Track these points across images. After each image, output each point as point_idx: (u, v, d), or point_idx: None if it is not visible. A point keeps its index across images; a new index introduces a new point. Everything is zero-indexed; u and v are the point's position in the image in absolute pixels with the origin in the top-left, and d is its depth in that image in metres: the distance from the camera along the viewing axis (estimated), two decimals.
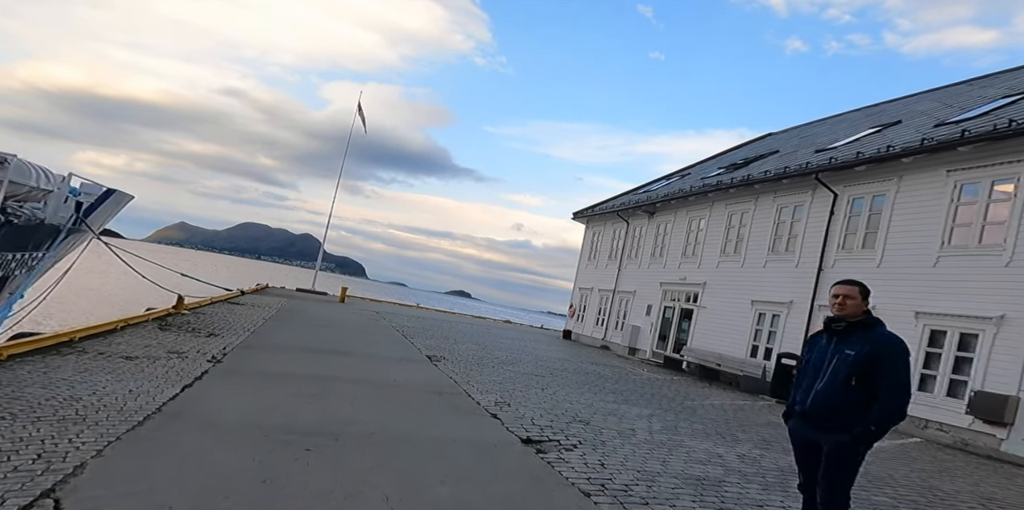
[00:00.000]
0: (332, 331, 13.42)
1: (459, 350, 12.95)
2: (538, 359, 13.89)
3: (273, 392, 6.19)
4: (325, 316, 17.22)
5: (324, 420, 5.31)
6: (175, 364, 6.82)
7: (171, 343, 8.24)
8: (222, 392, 5.87)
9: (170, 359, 7.08)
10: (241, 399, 5.69)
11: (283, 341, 10.34)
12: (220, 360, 7.48)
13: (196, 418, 4.81)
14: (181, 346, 8.09)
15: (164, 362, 6.84)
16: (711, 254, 18.02)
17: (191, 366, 6.82)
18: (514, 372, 10.55)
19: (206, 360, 7.32)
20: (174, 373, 6.34)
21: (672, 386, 12.47)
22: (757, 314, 15.29)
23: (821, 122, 23.36)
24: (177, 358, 7.20)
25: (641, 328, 21.01)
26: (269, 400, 5.80)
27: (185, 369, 6.60)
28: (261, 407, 5.49)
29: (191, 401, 5.32)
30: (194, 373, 6.46)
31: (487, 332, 21.55)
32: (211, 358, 7.50)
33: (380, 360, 9.97)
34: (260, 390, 6.21)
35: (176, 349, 7.80)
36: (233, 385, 6.26)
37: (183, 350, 7.79)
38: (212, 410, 5.14)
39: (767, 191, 15.99)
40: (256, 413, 5.25)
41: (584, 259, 27.54)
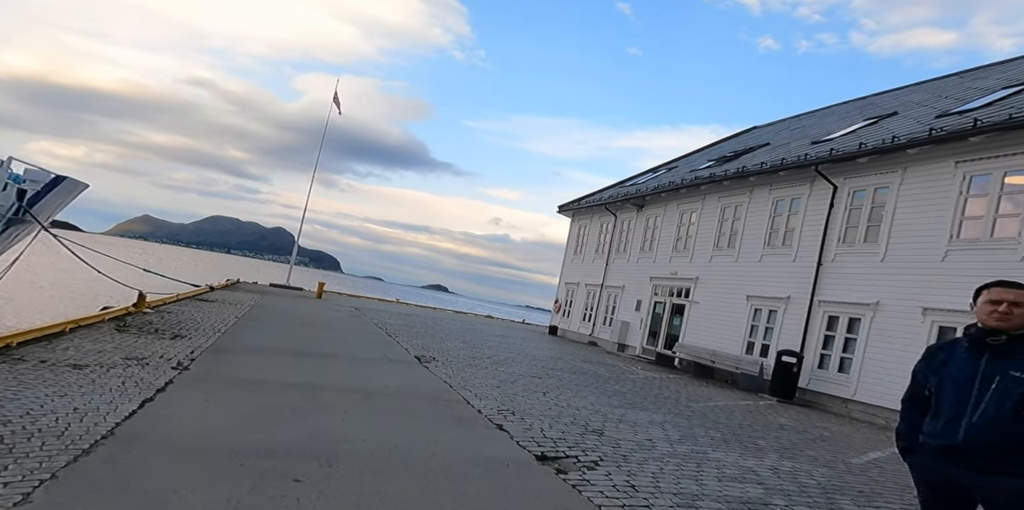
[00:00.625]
0: (312, 330, 12.58)
1: (448, 349, 12.25)
2: (530, 358, 13.28)
3: (250, 405, 5.42)
4: (303, 313, 16.31)
5: (312, 440, 4.58)
6: (133, 373, 5.98)
7: (130, 347, 7.36)
8: (190, 406, 5.09)
9: (128, 367, 6.22)
10: (213, 415, 4.91)
11: (259, 343, 9.50)
12: (187, 367, 6.66)
13: (158, 442, 4.04)
14: (141, 351, 7.22)
15: (120, 371, 5.98)
16: (703, 248, 17.61)
17: (153, 375, 5.99)
18: (509, 373, 9.91)
19: (171, 367, 6.50)
20: (132, 384, 5.51)
21: (671, 386, 11.99)
22: (753, 309, 14.92)
23: (809, 115, 23.17)
24: (136, 365, 6.35)
25: (630, 324, 20.58)
26: (246, 415, 5.04)
27: (145, 379, 5.78)
28: (237, 424, 4.72)
29: (152, 419, 4.53)
30: (156, 384, 5.65)
31: (472, 329, 20.87)
32: (177, 364, 6.67)
33: (367, 362, 9.21)
34: (235, 403, 5.43)
35: (135, 354, 6.93)
36: (203, 397, 5.46)
37: (144, 355, 6.92)
38: (178, 431, 4.37)
39: (762, 183, 15.60)
40: (231, 432, 4.49)
41: (570, 253, 27.00)
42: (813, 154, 13.74)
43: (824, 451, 7.02)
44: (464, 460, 4.61)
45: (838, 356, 12.12)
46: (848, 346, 11.97)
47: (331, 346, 10.43)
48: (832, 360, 12.22)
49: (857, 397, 11.35)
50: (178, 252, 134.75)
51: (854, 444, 7.93)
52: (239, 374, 6.74)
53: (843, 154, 12.64)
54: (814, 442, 7.60)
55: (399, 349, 11.28)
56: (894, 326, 10.98)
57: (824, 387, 12.17)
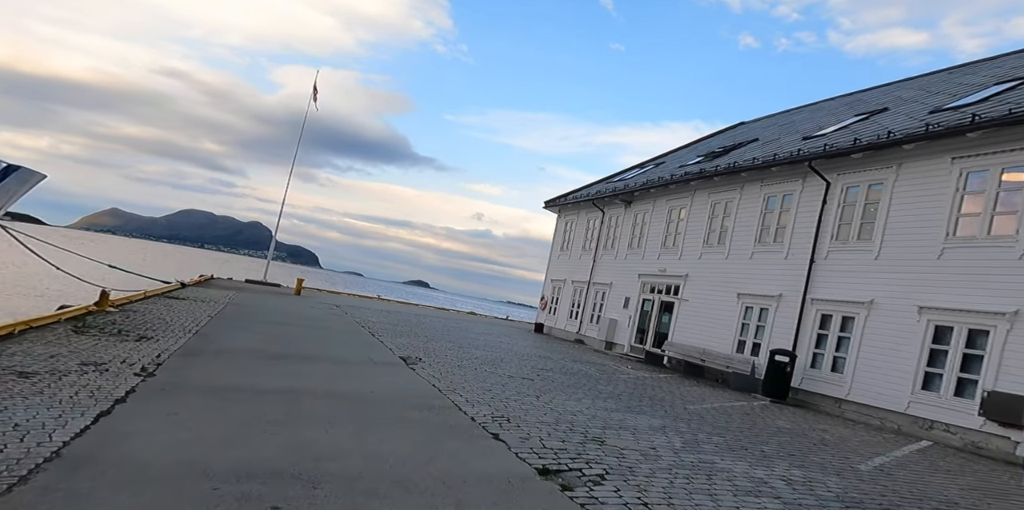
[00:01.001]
0: (291, 330, 12.02)
1: (434, 349, 11.81)
2: (519, 358, 12.90)
3: (224, 416, 4.93)
4: (281, 311, 15.70)
5: (293, 456, 4.13)
6: (90, 381, 5.41)
7: (88, 351, 6.73)
8: (154, 420, 4.58)
9: (84, 374, 5.64)
10: (180, 429, 4.42)
11: (234, 344, 8.94)
12: (153, 372, 6.11)
13: (112, 465, 3.55)
14: (101, 355, 6.61)
15: (74, 379, 5.40)
16: (693, 245, 17.40)
17: (112, 383, 5.43)
18: (499, 375, 9.51)
19: (133, 373, 5.94)
20: (87, 394, 4.95)
21: (663, 386, 11.72)
22: (744, 308, 14.74)
23: (797, 110, 23.10)
24: (94, 372, 5.76)
25: (618, 321, 20.33)
26: (219, 429, 4.56)
27: (103, 388, 5.22)
28: (209, 440, 4.25)
29: (107, 437, 4.03)
30: (115, 393, 5.10)
31: (457, 326, 20.43)
32: (141, 370, 6.11)
33: (351, 365, 8.73)
34: (207, 414, 4.94)
35: (93, 359, 6.33)
36: (169, 408, 4.95)
37: (103, 360, 6.33)
38: (138, 449, 3.88)
39: (753, 179, 15.40)
40: (202, 450, 4.02)
41: (556, 249, 26.67)
42: (806, 149, 13.56)
43: (830, 456, 6.77)
44: (461, 476, 4.21)
45: (831, 355, 11.97)
46: (841, 345, 11.83)
47: (312, 347, 9.91)
48: (825, 359, 12.07)
49: (851, 397, 11.21)
50: (148, 247, 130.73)
51: (856, 448, 7.72)
52: (212, 380, 6.22)
53: (837, 149, 12.46)
54: (817, 447, 7.35)
55: (383, 350, 10.81)
56: (889, 325, 10.84)
57: (817, 387, 12.02)
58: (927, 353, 10.10)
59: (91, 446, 3.79)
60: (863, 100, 18.85)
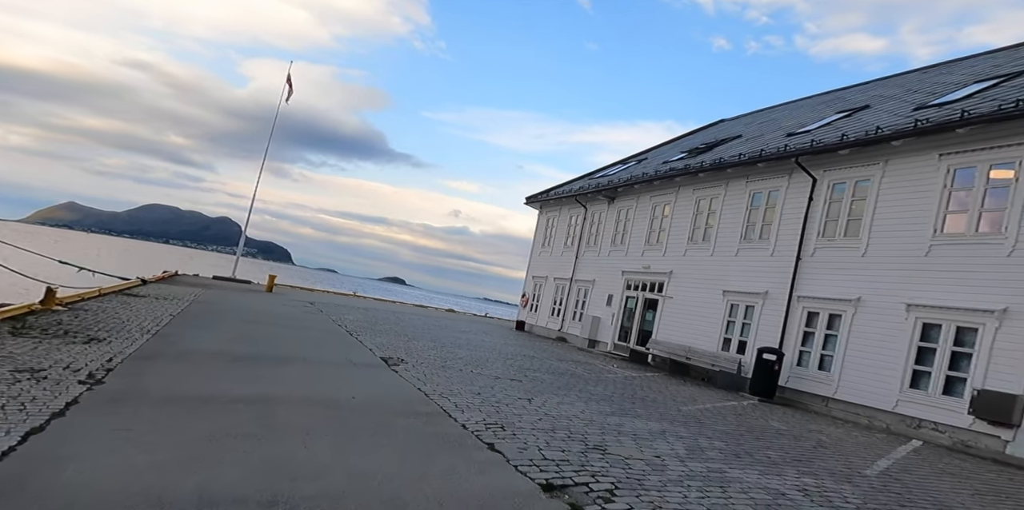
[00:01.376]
0: (262, 329, 11.35)
1: (416, 349, 11.31)
2: (504, 357, 12.49)
3: (184, 431, 4.37)
4: (251, 309, 14.95)
5: (267, 477, 3.64)
6: (22, 391, 4.73)
7: (24, 355, 5.99)
8: (97, 438, 3.98)
9: (15, 382, 4.92)
10: (130, 449, 3.86)
11: (198, 345, 8.29)
12: (101, 380, 5.47)
13: (38, 497, 2.99)
14: (40, 360, 5.88)
15: (3, 389, 4.71)
16: (677, 241, 17.22)
17: (50, 393, 4.77)
18: (486, 376, 9.08)
19: (78, 381, 5.27)
20: (15, 407, 4.27)
21: (652, 386, 11.45)
22: (729, 305, 14.60)
23: (777, 108, 23.15)
24: (28, 380, 5.06)
25: (601, 319, 20.09)
26: (178, 447, 4.02)
27: (38, 399, 4.57)
28: (164, 462, 3.71)
29: (37, 461, 3.43)
30: (53, 405, 4.46)
31: (437, 324, 19.90)
32: (87, 377, 5.45)
33: (328, 367, 8.18)
34: (163, 430, 4.37)
35: (30, 365, 5.60)
36: (118, 423, 4.34)
37: (41, 366, 5.61)
38: (74, 477, 3.31)
39: (739, 176, 15.27)
40: (156, 475, 3.49)
41: (537, 246, 26.32)
42: (793, 145, 13.44)
43: (833, 461, 6.54)
44: (458, 495, 3.78)
45: (818, 353, 11.87)
46: (828, 343, 11.74)
47: (285, 348, 9.31)
48: (812, 357, 11.97)
49: (838, 396, 11.12)
50: (107, 242, 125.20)
51: (854, 450, 7.53)
52: (172, 388, 5.63)
53: (824, 145, 12.35)
54: (817, 450, 7.14)
55: (363, 350, 10.26)
56: (876, 323, 10.77)
57: (804, 385, 11.92)
58: (915, 351, 10.04)
59: (13, 473, 3.19)
60: (842, 98, 18.95)
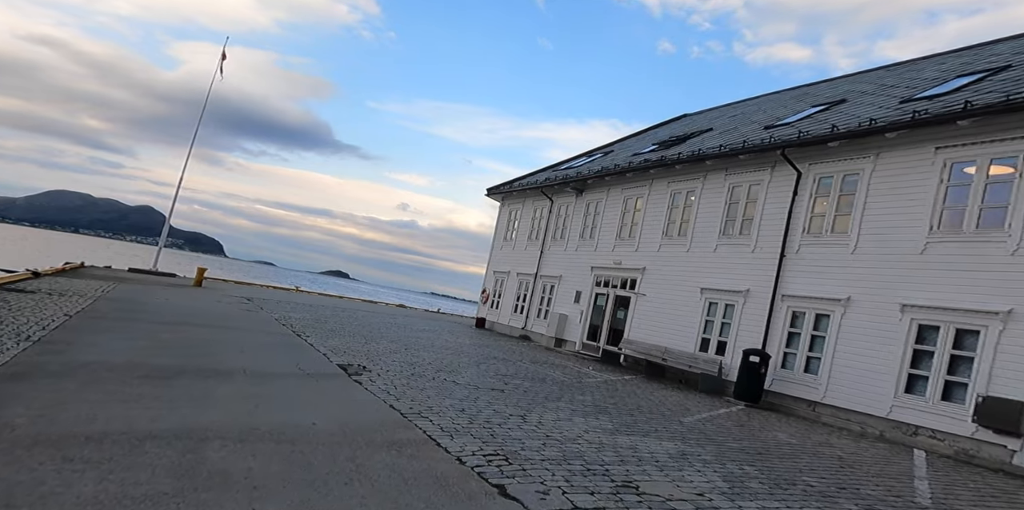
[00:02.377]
0: (190, 332, 9.79)
1: (376, 353, 10.05)
2: (474, 361, 11.38)
3: (57, 500, 3.04)
4: (176, 307, 13.23)
5: None
6: None
7: None
8: None
9: None
10: None
11: (97, 355, 6.76)
12: None
13: None
14: None
15: None
16: (651, 236, 16.50)
17: None
18: (464, 386, 7.97)
19: None
20: None
21: (638, 392, 10.62)
22: (707, 303, 13.96)
23: (744, 103, 22.79)
24: None
25: (569, 317, 19.24)
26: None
27: None
28: None
29: None
30: None
31: (393, 322, 18.57)
32: None
33: (276, 380, 6.86)
34: (30, 491, 3.03)
35: None
36: None
37: None
38: None
39: (718, 168, 14.62)
40: None
41: (499, 240, 25.23)
42: (779, 137, 12.83)
43: (874, 486, 5.80)
44: None
45: (804, 355, 11.33)
46: (815, 345, 11.20)
47: (219, 356, 7.88)
48: (798, 360, 11.42)
49: (827, 400, 10.59)
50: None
51: (881, 469, 6.85)
52: (50, 422, 4.23)
53: (813, 137, 11.76)
54: (847, 471, 6.40)
55: (315, 355, 8.94)
56: (868, 324, 10.26)
57: (789, 389, 11.36)
58: (911, 354, 9.57)
59: None
60: (809, 93, 18.65)
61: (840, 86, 17.82)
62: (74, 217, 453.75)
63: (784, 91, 21.86)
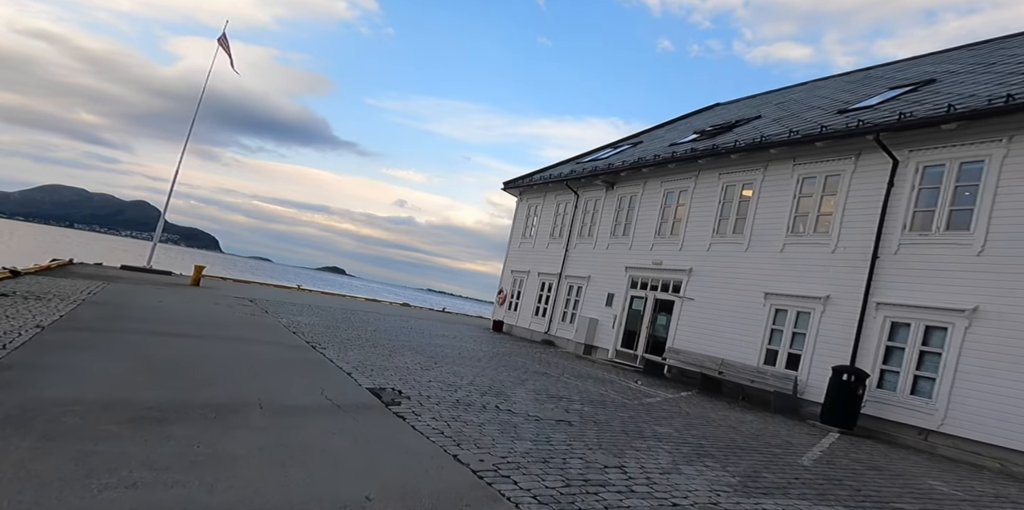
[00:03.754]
0: (187, 345, 7.95)
1: (406, 370, 8.27)
2: (516, 378, 9.60)
3: None
4: (170, 312, 11.39)
5: None
6: None
7: None
8: None
9: None
10: None
11: (72, 387, 4.94)
12: None
13: None
14: None
15: None
16: (699, 234, 14.78)
17: None
18: (526, 419, 6.24)
19: None
20: None
21: (713, 416, 8.89)
22: (773, 310, 12.25)
23: (785, 91, 21.02)
24: None
25: (600, 321, 17.50)
26: None
27: None
28: None
29: None
30: None
31: (407, 326, 16.78)
32: None
33: (302, 418, 5.09)
34: None
35: None
36: None
37: None
38: None
39: (783, 158, 12.90)
40: None
41: (517, 237, 23.44)
42: (868, 120, 11.09)
43: None
44: None
45: (910, 374, 9.62)
46: (926, 362, 9.50)
47: (226, 381, 6.10)
48: (901, 379, 9.71)
49: (946, 429, 8.89)
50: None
51: None
52: None
53: (920, 119, 10.03)
54: None
55: (338, 376, 7.16)
56: (1007, 339, 8.56)
57: (890, 413, 9.66)
58: None
59: None
60: (874, 77, 16.95)
61: (908, 70, 16.09)
62: (68, 212, 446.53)
63: (834, 77, 20.06)
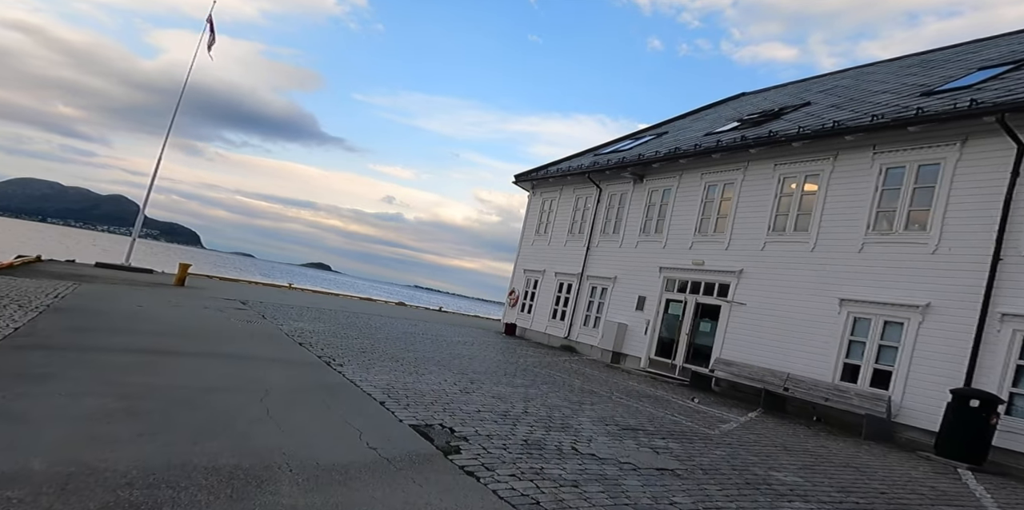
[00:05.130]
0: (173, 368, 6.07)
1: (445, 395, 6.54)
2: (569, 400, 7.88)
3: None
4: (153, 319, 9.49)
5: None
6: None
7: None
8: None
9: None
10: None
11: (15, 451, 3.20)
12: None
13: None
14: None
15: None
16: (750, 231, 13.20)
17: None
18: (618, 469, 4.53)
19: None
20: None
21: (813, 449, 7.28)
22: (851, 319, 10.69)
23: (826, 77, 19.40)
24: None
25: (629, 327, 15.87)
26: None
27: None
28: None
29: None
30: None
31: (415, 332, 15.02)
32: None
33: (342, 485, 3.36)
34: None
35: None
36: None
37: None
38: None
39: (860, 145, 11.34)
40: None
41: (530, 234, 21.71)
42: (986, 100, 9.52)
43: None
44: None
45: None
46: None
47: (233, 425, 4.33)
48: None
49: None
50: None
51: None
52: None
53: None
54: None
55: (371, 407, 5.40)
56: None
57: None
58: None
59: None
60: (936, 60, 15.41)
61: (980, 52, 14.47)
62: (41, 206, 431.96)
63: (879, 63, 18.38)
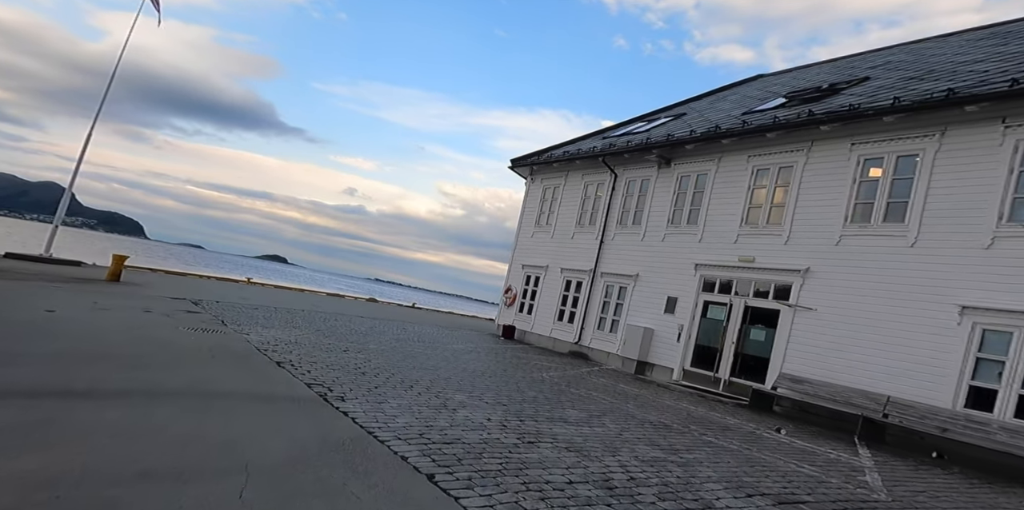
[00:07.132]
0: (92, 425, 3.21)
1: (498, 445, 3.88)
2: (664, 446, 5.36)
3: None
4: (69, 333, 6.44)
5: None
6: None
7: None
8: None
9: None
10: None
11: None
12: None
13: None
14: None
15: None
16: (818, 222, 11.08)
17: None
18: None
19: None
20: None
21: (969, 503, 5.03)
22: (978, 332, 8.65)
23: (877, 53, 17.36)
24: None
25: (656, 332, 13.57)
26: None
27: None
28: None
29: None
30: None
31: (405, 337, 12.32)
32: None
33: None
34: None
35: None
36: None
37: None
38: None
39: (984, 118, 9.30)
40: None
41: (529, 225, 19.14)
42: None
43: None
44: None
45: None
46: None
47: None
48: None
49: None
50: None
51: None
52: None
53: None
54: None
55: (422, 492, 2.77)
56: None
57: None
58: None
59: None
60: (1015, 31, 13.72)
61: None
62: None
63: (939, 37, 16.45)
